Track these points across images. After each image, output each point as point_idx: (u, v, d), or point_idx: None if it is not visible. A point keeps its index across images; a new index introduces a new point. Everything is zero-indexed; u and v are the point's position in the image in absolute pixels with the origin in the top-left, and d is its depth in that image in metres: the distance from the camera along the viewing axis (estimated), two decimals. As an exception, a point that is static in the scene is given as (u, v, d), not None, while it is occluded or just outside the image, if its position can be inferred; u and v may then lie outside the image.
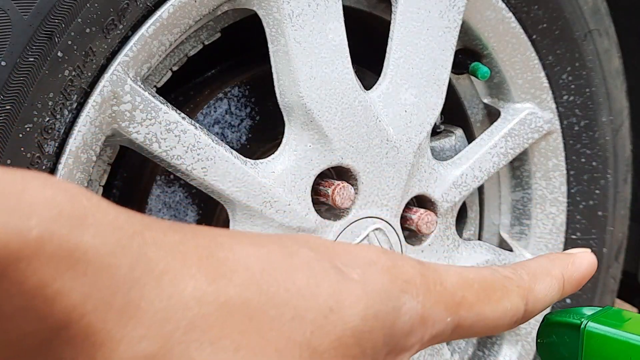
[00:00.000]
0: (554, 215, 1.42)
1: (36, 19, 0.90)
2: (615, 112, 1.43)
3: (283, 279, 0.40)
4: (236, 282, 0.39)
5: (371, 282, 0.42)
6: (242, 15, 1.13)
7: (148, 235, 0.38)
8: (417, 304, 0.43)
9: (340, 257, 0.43)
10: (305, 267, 0.41)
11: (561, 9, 1.33)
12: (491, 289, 0.46)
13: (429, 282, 0.44)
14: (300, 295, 0.40)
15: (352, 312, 0.41)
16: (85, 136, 0.97)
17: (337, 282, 0.41)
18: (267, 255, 0.40)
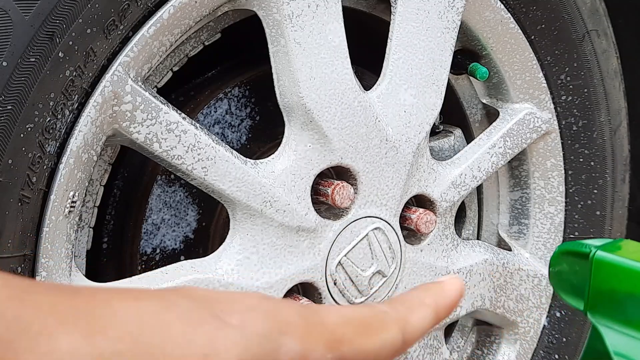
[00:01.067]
0: (552, 215, 1.42)
1: (37, 19, 0.91)
2: (613, 112, 1.43)
3: (159, 330, 0.41)
4: (111, 335, 0.40)
5: (249, 327, 0.43)
6: (242, 16, 1.14)
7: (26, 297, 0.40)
8: (297, 344, 0.45)
9: (220, 305, 0.44)
10: (182, 317, 0.42)
11: (559, 10, 1.33)
12: (369, 323, 0.48)
13: (308, 323, 0.46)
14: (176, 344, 0.41)
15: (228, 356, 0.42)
16: (86, 136, 0.97)
17: (215, 329, 0.42)
18: (144, 309, 0.42)
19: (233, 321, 0.43)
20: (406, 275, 1.24)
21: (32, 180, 0.94)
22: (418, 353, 1.29)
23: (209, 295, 0.45)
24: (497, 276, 1.36)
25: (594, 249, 0.54)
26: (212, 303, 0.44)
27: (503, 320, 1.41)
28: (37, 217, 0.96)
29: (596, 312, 0.54)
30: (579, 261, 0.55)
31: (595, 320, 0.55)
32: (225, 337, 0.42)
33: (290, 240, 1.12)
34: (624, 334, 0.53)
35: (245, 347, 0.43)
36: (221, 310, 0.44)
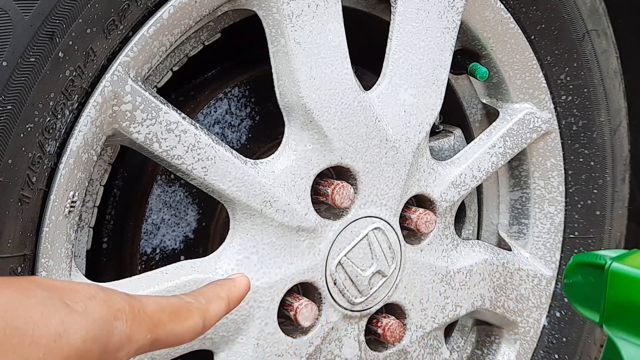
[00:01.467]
0: (552, 215, 1.42)
1: (37, 19, 0.91)
2: (613, 112, 1.43)
3: (22, 315, 0.53)
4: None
5: (91, 312, 0.57)
6: (242, 15, 1.14)
7: None
8: (126, 327, 0.59)
9: (67, 294, 0.57)
10: (40, 304, 0.54)
11: (559, 10, 1.33)
12: (179, 311, 0.64)
13: (134, 310, 0.60)
14: (36, 326, 0.53)
15: (76, 336, 0.55)
16: (86, 136, 0.97)
17: (65, 314, 0.55)
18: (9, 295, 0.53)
19: (78, 308, 0.57)
20: (406, 275, 1.24)
21: (32, 180, 0.94)
22: (418, 353, 1.29)
23: (56, 285, 0.58)
24: (497, 276, 1.36)
25: (609, 261, 0.53)
26: (60, 292, 0.57)
27: (503, 320, 1.41)
28: (37, 217, 0.96)
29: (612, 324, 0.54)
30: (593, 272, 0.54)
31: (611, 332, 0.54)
32: (74, 321, 0.56)
33: (290, 240, 1.12)
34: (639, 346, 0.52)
35: (88, 329, 0.56)
36: (69, 299, 0.57)
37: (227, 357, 1.12)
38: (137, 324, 0.60)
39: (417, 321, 1.27)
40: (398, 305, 1.25)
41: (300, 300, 1.14)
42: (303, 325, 1.14)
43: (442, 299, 1.29)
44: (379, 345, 1.26)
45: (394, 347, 1.26)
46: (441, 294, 1.29)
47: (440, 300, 1.29)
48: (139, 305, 0.61)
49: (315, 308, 1.15)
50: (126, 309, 0.60)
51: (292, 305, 1.14)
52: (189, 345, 1.09)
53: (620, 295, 0.52)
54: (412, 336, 1.27)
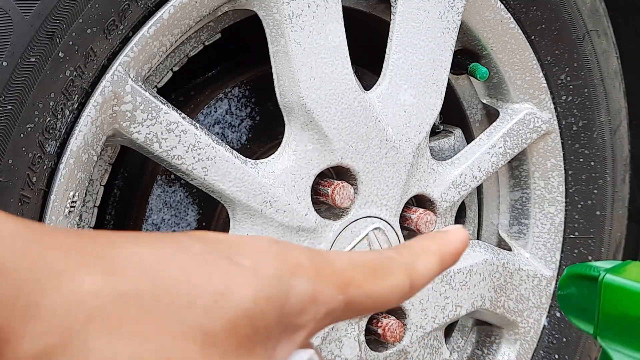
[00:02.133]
0: (552, 215, 1.42)
1: (37, 19, 0.91)
2: (614, 112, 1.43)
3: (174, 270, 0.43)
4: (129, 275, 0.42)
5: (262, 268, 0.45)
6: (242, 16, 1.14)
7: (47, 240, 0.42)
8: (308, 285, 0.46)
9: (231, 248, 0.46)
10: (196, 259, 0.44)
11: (560, 10, 1.33)
12: (377, 268, 0.49)
13: (318, 265, 0.47)
14: (192, 283, 0.43)
15: (243, 295, 0.43)
16: (86, 136, 0.97)
17: (228, 269, 0.44)
18: (159, 251, 0.44)
19: (245, 262, 0.45)
20: (406, 275, 1.24)
21: (32, 180, 0.94)
22: (418, 353, 1.29)
23: (219, 238, 0.47)
24: (497, 276, 1.36)
25: (603, 273, 0.53)
26: (224, 246, 0.46)
27: (503, 320, 1.41)
28: (37, 217, 0.96)
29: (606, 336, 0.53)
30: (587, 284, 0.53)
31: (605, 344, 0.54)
32: (240, 277, 0.44)
33: (290, 240, 1.12)
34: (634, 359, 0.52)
35: (258, 287, 0.44)
36: (233, 253, 0.45)
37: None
38: (323, 281, 0.47)
39: (417, 321, 1.27)
40: (398, 305, 1.25)
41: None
42: (303, 325, 1.14)
43: (442, 299, 1.29)
44: (379, 346, 1.26)
45: (394, 347, 1.26)
46: (441, 294, 1.29)
47: (440, 300, 1.29)
48: (323, 260, 0.48)
49: (316, 308, 1.15)
50: (307, 263, 0.47)
51: (292, 306, 1.13)
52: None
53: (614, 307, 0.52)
54: (412, 336, 1.27)
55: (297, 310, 0.46)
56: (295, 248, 0.47)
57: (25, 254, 0.41)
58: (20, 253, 0.40)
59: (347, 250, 0.47)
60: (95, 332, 0.40)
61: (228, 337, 0.43)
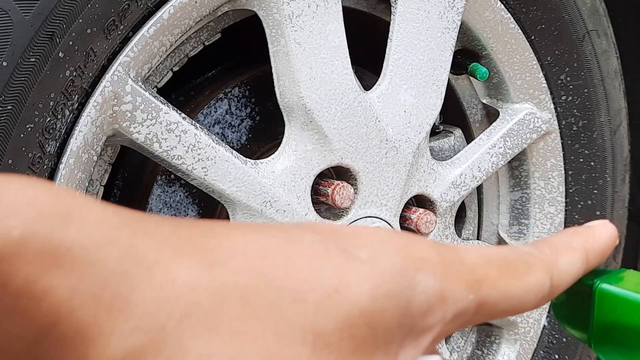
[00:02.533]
0: (552, 215, 1.42)
1: (37, 19, 0.91)
2: (614, 112, 1.43)
3: (283, 263, 0.38)
4: (232, 268, 0.37)
5: (381, 261, 0.39)
6: (243, 16, 1.14)
7: (138, 227, 0.37)
8: (435, 282, 0.40)
9: (347, 239, 0.41)
10: (307, 251, 0.39)
11: (560, 10, 1.33)
12: (513, 265, 0.44)
13: (446, 260, 0.41)
14: (302, 277, 0.38)
15: (359, 291, 0.38)
16: (86, 136, 0.97)
17: (343, 262, 0.39)
18: (266, 241, 0.39)
19: (362, 255, 0.39)
20: (406, 276, 1.24)
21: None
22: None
23: (333, 228, 0.41)
24: (497, 276, 1.36)
25: (597, 281, 0.52)
26: (338, 237, 0.41)
27: (503, 320, 1.41)
28: (37, 217, 0.96)
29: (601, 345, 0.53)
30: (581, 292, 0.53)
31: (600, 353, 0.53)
32: (356, 271, 0.38)
33: (290, 240, 1.12)
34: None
35: (377, 282, 0.38)
36: (349, 244, 0.40)
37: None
38: (452, 278, 0.41)
39: (417, 321, 1.27)
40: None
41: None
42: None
43: (442, 299, 1.29)
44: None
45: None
46: (441, 294, 1.29)
47: (440, 300, 1.29)
48: (453, 254, 0.42)
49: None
50: (434, 258, 0.41)
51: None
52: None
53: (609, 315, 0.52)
54: (412, 336, 1.27)
55: (423, 310, 0.40)
56: (420, 240, 0.42)
57: (113, 243, 0.35)
58: (108, 241, 0.35)
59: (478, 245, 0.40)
60: (191, 330, 0.36)
61: (342, 339, 0.38)
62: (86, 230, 0.35)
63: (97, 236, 0.35)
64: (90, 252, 0.35)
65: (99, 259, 0.35)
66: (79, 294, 0.35)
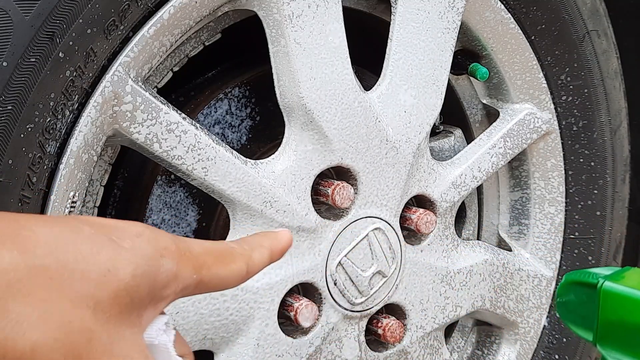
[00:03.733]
0: (552, 215, 1.42)
1: (38, 19, 0.91)
2: (614, 112, 1.43)
3: (72, 250, 0.54)
4: (39, 253, 0.53)
5: (139, 249, 0.57)
6: (243, 16, 1.14)
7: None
8: (173, 265, 0.58)
9: (113, 231, 0.57)
10: (88, 240, 0.55)
11: (560, 10, 1.33)
12: (223, 255, 0.63)
13: (181, 249, 0.59)
14: (86, 261, 0.54)
15: (125, 272, 0.55)
16: (86, 136, 0.97)
17: (113, 250, 0.56)
18: (59, 233, 0.55)
19: (126, 245, 0.57)
20: (406, 276, 1.24)
21: (32, 180, 0.94)
22: (418, 353, 1.29)
23: (102, 222, 0.58)
24: (497, 276, 1.36)
25: (602, 280, 0.52)
26: (107, 229, 0.57)
27: (503, 320, 1.41)
28: (38, 217, 0.96)
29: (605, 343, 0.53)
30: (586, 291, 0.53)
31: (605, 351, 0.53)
32: (122, 257, 0.56)
33: (290, 240, 1.12)
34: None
35: (136, 265, 0.56)
36: (116, 236, 0.57)
37: (227, 358, 1.12)
38: (184, 262, 0.59)
39: (417, 321, 1.27)
40: (398, 305, 1.25)
41: (300, 300, 1.14)
42: (303, 325, 1.14)
43: (443, 299, 1.29)
44: (379, 346, 1.26)
45: (394, 347, 1.26)
46: (441, 294, 1.29)
47: (440, 300, 1.29)
48: (184, 245, 0.60)
49: (316, 308, 1.15)
50: (172, 247, 0.59)
51: (293, 306, 1.14)
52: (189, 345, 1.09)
53: (613, 314, 0.52)
54: (412, 337, 1.27)
55: (164, 284, 0.58)
56: (163, 234, 0.60)
57: None
58: None
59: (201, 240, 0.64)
60: (13, 296, 0.52)
61: (112, 305, 0.55)
62: None
63: None
64: None
65: None
66: None
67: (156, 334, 0.59)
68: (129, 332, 0.56)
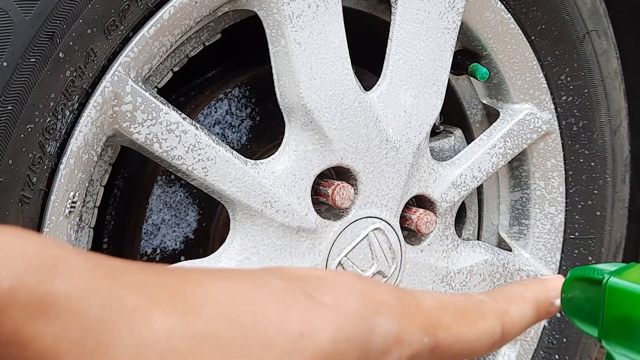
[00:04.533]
0: (552, 215, 1.42)
1: (38, 19, 0.91)
2: (614, 112, 1.43)
3: (252, 309, 0.41)
4: (205, 314, 0.40)
5: (344, 306, 0.43)
6: (243, 16, 1.14)
7: (119, 277, 0.40)
8: (392, 325, 0.44)
9: (312, 283, 0.44)
10: (275, 296, 0.42)
11: (560, 10, 1.33)
12: (467, 311, 0.48)
13: (404, 304, 0.45)
14: (270, 323, 0.41)
15: (323, 335, 0.42)
16: (86, 136, 0.97)
17: (308, 307, 0.42)
18: (236, 288, 0.42)
19: (326, 300, 0.43)
20: (406, 276, 1.24)
21: (32, 180, 0.94)
22: (418, 353, 1.29)
23: (300, 274, 0.45)
24: (498, 277, 1.36)
25: (607, 276, 0.52)
26: (304, 282, 0.44)
27: (503, 320, 1.41)
28: (37, 217, 0.96)
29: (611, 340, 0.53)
30: (591, 287, 0.53)
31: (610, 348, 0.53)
32: (320, 316, 0.42)
33: (290, 240, 1.12)
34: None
35: (340, 326, 0.42)
36: (314, 289, 0.44)
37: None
38: (409, 321, 0.45)
39: (417, 322, 1.27)
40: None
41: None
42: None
43: (443, 299, 1.29)
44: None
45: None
46: (441, 294, 1.29)
47: (440, 300, 1.29)
48: (410, 298, 0.46)
49: (316, 308, 1.15)
50: (393, 302, 0.45)
51: (293, 306, 1.14)
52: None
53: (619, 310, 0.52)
54: (412, 337, 1.27)
55: (381, 351, 0.44)
56: (380, 285, 0.46)
57: (96, 292, 0.39)
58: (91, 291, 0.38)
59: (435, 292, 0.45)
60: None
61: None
62: (71, 280, 0.38)
63: (80, 286, 0.38)
64: (74, 302, 0.38)
65: (82, 308, 0.38)
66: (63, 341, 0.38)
67: None
68: None
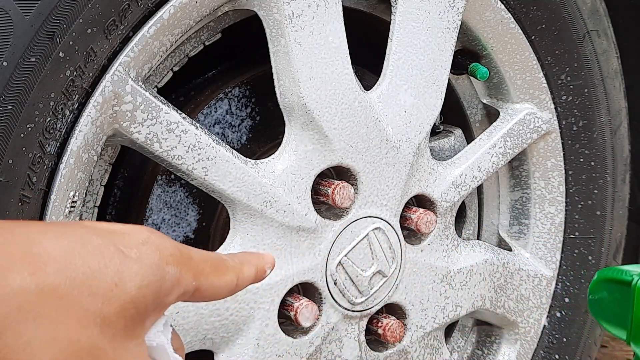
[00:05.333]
0: (552, 215, 1.42)
1: (38, 19, 0.91)
2: (614, 112, 1.43)
3: (81, 265, 0.55)
4: (48, 272, 0.54)
5: (145, 259, 0.58)
6: (243, 16, 1.14)
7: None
8: (176, 272, 0.60)
9: (121, 239, 0.58)
10: (96, 253, 0.56)
11: (560, 10, 1.33)
12: (218, 266, 0.64)
13: (183, 256, 0.61)
14: (94, 276, 0.55)
15: (131, 285, 0.56)
16: (86, 136, 0.97)
17: (120, 262, 0.57)
18: (68, 246, 0.56)
19: (132, 255, 0.58)
20: (406, 275, 1.24)
21: (32, 180, 0.94)
22: (418, 353, 1.29)
23: (109, 230, 0.59)
24: (498, 276, 1.36)
25: (637, 277, 0.52)
26: (114, 238, 0.58)
27: (503, 320, 1.41)
28: (38, 217, 0.96)
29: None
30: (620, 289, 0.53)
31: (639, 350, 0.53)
32: (129, 269, 0.57)
33: (290, 240, 1.12)
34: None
35: (143, 276, 0.57)
36: (123, 245, 0.58)
37: (227, 358, 1.12)
38: (186, 269, 0.60)
39: (417, 321, 1.27)
40: (398, 305, 1.25)
41: (300, 300, 1.14)
42: (303, 325, 1.14)
43: (443, 299, 1.29)
44: (380, 346, 1.26)
45: (395, 347, 1.26)
46: (441, 294, 1.29)
47: (440, 300, 1.29)
48: (187, 252, 0.61)
49: (316, 308, 1.15)
50: (177, 253, 0.60)
51: (293, 306, 1.14)
52: (189, 345, 1.09)
53: None
54: (412, 336, 1.27)
55: (168, 291, 0.59)
56: (168, 240, 0.61)
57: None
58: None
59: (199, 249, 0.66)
60: (24, 320, 0.53)
61: (119, 319, 0.56)
62: None
63: None
64: None
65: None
66: None
67: (155, 336, 0.60)
68: (133, 344, 0.57)
